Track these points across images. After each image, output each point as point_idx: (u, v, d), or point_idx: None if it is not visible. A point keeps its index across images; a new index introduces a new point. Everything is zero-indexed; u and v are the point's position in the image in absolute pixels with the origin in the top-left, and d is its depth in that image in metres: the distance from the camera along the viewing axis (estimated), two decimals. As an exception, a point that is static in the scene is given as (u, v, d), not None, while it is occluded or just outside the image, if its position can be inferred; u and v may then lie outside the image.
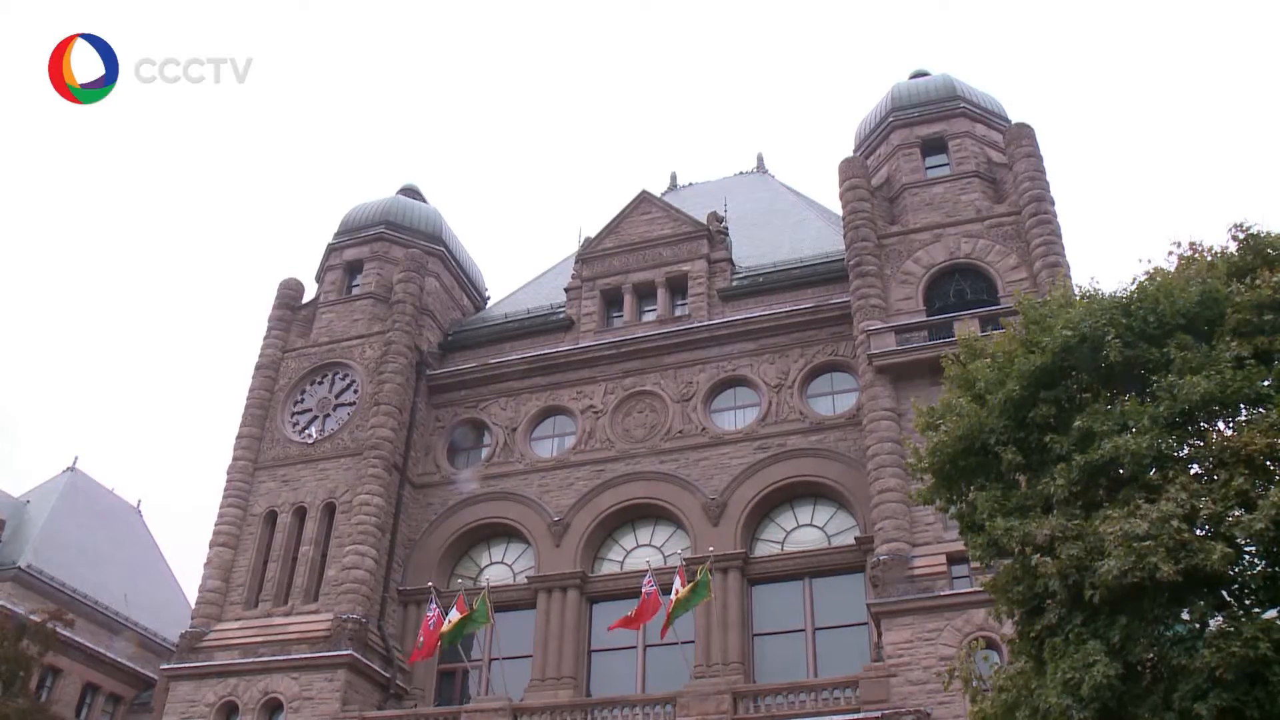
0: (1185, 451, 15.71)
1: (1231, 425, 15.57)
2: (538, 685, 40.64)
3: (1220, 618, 14.70)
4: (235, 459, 46.92)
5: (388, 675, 41.72)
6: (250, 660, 40.98)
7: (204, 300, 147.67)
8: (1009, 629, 18.97)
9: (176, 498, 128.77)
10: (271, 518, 45.54)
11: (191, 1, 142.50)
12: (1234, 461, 14.68)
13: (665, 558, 42.03)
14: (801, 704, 34.84)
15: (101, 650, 53.70)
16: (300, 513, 45.30)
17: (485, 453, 47.73)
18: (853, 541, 40.01)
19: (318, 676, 39.95)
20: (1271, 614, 14.72)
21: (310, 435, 47.32)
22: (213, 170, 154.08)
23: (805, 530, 41.93)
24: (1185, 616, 14.74)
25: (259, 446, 47.32)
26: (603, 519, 43.81)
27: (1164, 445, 15.27)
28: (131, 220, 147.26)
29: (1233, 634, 13.91)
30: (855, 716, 33.46)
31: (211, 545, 44.83)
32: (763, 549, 41.96)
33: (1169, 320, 16.29)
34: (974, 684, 19.71)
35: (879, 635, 35.65)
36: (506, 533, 45.61)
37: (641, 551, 43.19)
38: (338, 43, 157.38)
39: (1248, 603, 14.97)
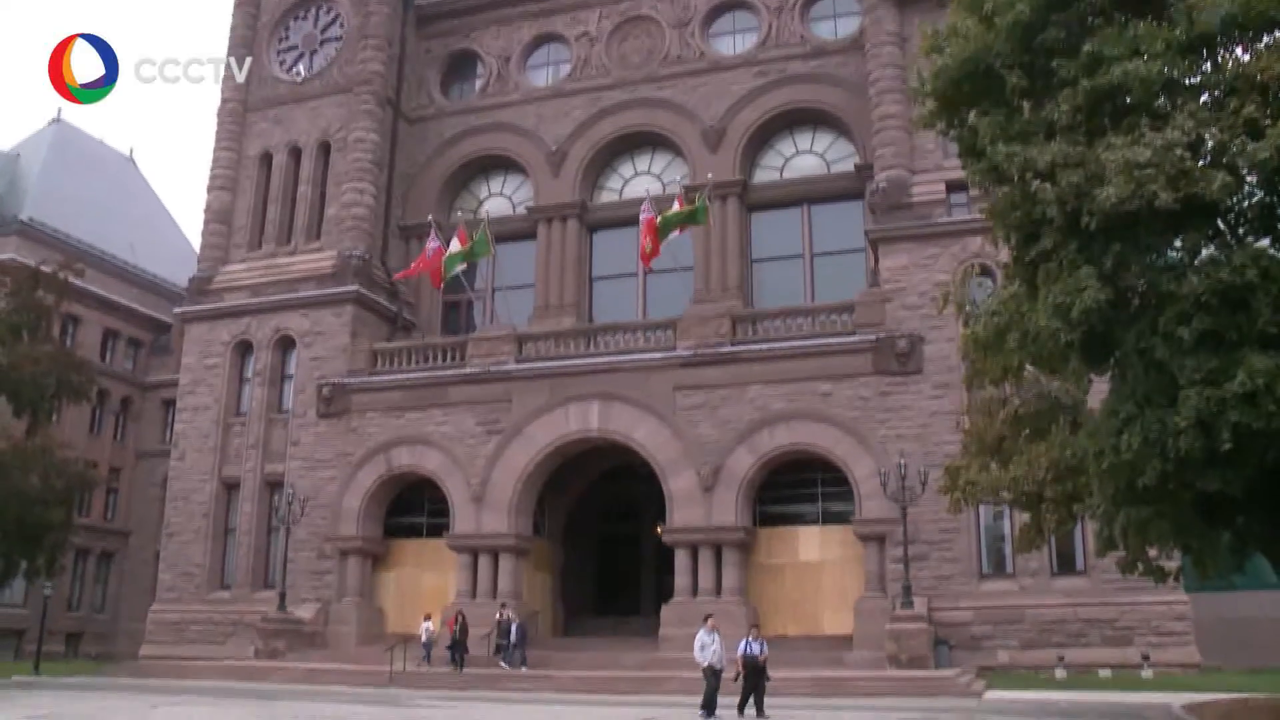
0: (1197, 79, 15.12)
1: (1249, 52, 14.88)
2: (541, 313, 41.78)
3: (1212, 247, 14.72)
4: (224, 101, 45.88)
5: (394, 309, 42.80)
6: (260, 300, 42.06)
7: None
8: (1004, 255, 19.12)
9: (167, 147, 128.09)
10: (267, 159, 45.11)
11: (191, 1, 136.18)
12: (1246, 89, 14.16)
13: (664, 185, 42.03)
14: (799, 327, 35.94)
15: (116, 297, 54.79)
16: (295, 153, 44.82)
17: (479, 84, 46.65)
18: (852, 168, 39.89)
19: (326, 312, 41.07)
20: (1264, 243, 14.75)
21: (299, 73, 46.03)
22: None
23: (804, 157, 41.68)
24: (1179, 244, 14.75)
25: (247, 88, 46.05)
26: (600, 147, 43.47)
27: (1175, 71, 14.67)
28: None
29: (1222, 262, 13.99)
30: (851, 339, 34.62)
31: (209, 190, 44.77)
32: (762, 176, 41.87)
33: (1194, -61, 15.22)
34: (967, 309, 20.17)
35: (876, 261, 36.21)
36: (504, 164, 45.40)
37: (640, 180, 43.12)
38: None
39: (1241, 231, 14.95)
